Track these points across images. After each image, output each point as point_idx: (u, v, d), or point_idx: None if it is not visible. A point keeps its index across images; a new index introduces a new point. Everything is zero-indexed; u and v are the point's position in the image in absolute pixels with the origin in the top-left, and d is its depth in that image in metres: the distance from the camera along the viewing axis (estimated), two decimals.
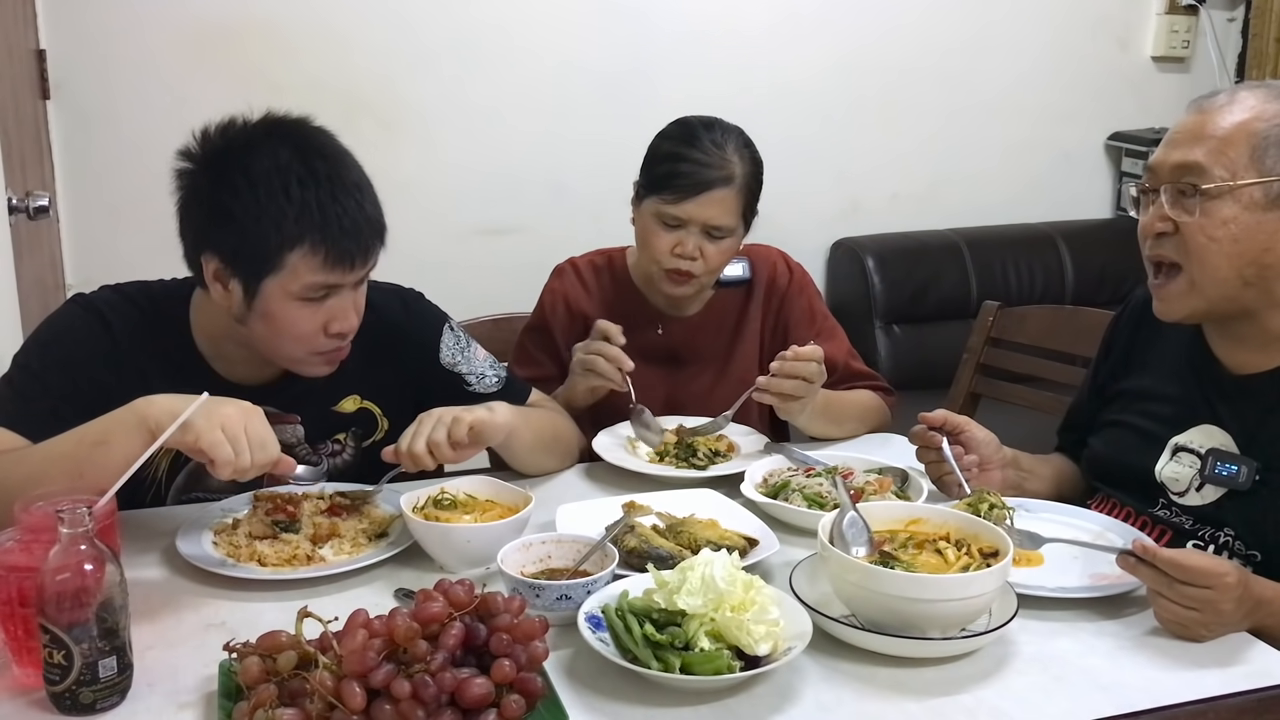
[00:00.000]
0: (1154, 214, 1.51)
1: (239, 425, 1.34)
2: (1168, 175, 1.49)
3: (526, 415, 1.77)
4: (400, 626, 1.08)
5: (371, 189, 1.59)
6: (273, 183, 1.49)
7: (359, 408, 1.74)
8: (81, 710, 1.13)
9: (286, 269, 1.51)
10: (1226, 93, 1.50)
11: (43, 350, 1.60)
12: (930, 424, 1.70)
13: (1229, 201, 1.44)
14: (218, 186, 1.52)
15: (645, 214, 1.99)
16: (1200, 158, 1.46)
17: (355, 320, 1.62)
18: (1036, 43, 3.67)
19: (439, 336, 1.81)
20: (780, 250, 2.18)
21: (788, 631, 1.22)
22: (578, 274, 2.14)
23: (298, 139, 1.55)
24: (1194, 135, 1.48)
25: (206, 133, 1.56)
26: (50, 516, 1.14)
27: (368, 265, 1.58)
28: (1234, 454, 1.52)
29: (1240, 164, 1.44)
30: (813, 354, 1.81)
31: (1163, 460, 1.60)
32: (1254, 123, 1.45)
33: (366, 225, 1.55)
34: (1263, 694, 1.23)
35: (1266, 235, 1.45)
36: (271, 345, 1.61)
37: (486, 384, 1.83)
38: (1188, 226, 1.47)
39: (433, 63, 3.09)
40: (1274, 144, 1.44)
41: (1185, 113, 1.53)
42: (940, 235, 3.59)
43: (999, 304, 2.44)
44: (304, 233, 1.50)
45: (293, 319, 1.56)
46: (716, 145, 1.94)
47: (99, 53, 2.81)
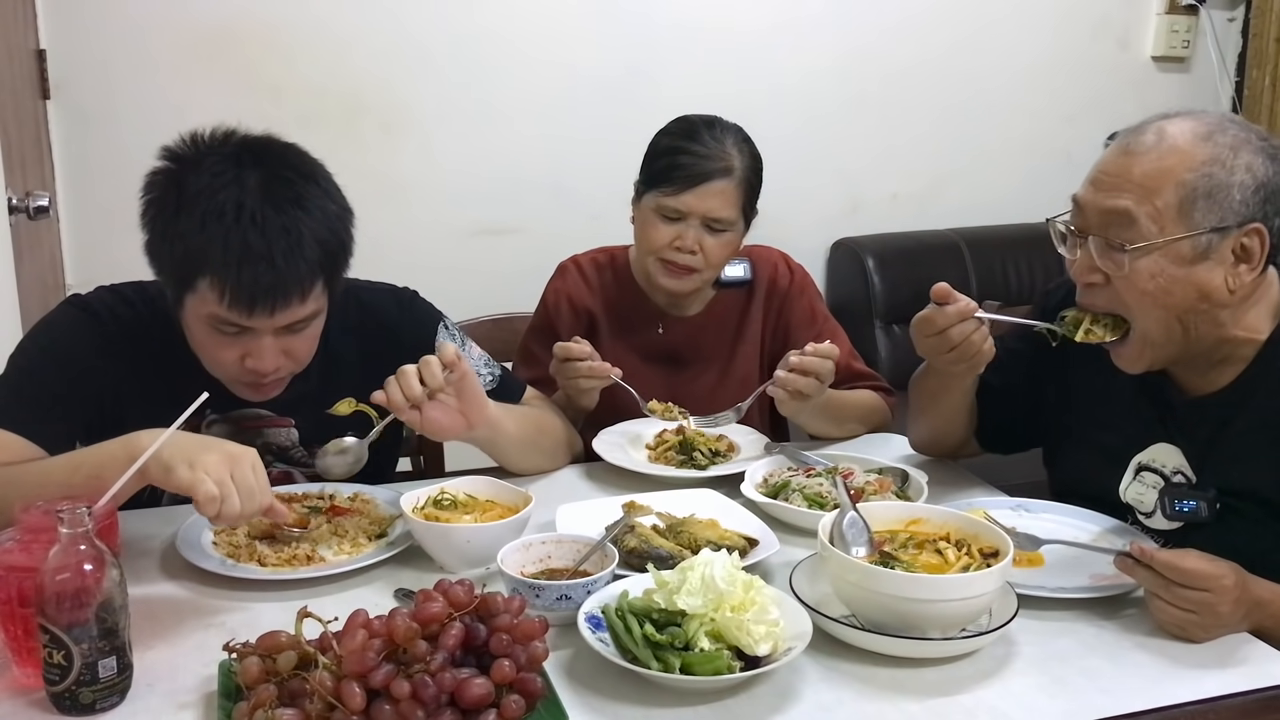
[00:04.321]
0: (1084, 263, 1.49)
1: (223, 472, 1.30)
2: (1096, 221, 1.46)
3: (511, 411, 1.76)
4: (400, 627, 1.08)
5: (315, 237, 1.50)
6: (198, 206, 1.46)
7: (354, 410, 1.72)
8: (81, 710, 1.13)
9: (197, 294, 1.49)
10: (1154, 130, 1.44)
11: (38, 350, 1.60)
12: (941, 297, 1.58)
13: (1156, 256, 1.42)
14: (160, 193, 1.51)
15: (645, 208, 1.99)
16: (1128, 206, 1.42)
17: (275, 363, 1.55)
18: (1037, 42, 3.67)
19: (434, 335, 1.80)
20: (781, 251, 2.19)
21: (788, 632, 1.22)
22: (580, 272, 2.15)
23: (258, 167, 1.50)
24: (1122, 179, 1.44)
25: (189, 136, 1.54)
26: (50, 516, 1.14)
27: (275, 316, 1.49)
28: (1190, 489, 1.52)
29: (1168, 216, 1.40)
30: (830, 352, 1.81)
31: (1126, 479, 1.59)
32: (1182, 172, 1.40)
33: (273, 275, 1.46)
34: (1263, 694, 1.23)
35: (1195, 287, 1.42)
36: (202, 360, 1.60)
37: (482, 382, 1.82)
38: (1118, 280, 1.45)
39: (432, 65, 3.09)
40: (1202, 195, 1.39)
41: (1112, 149, 1.47)
42: (940, 235, 3.59)
43: (999, 304, 2.43)
44: (207, 266, 1.46)
45: (208, 343, 1.54)
46: (716, 139, 1.95)
47: (99, 53, 2.81)
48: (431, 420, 1.58)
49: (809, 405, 1.85)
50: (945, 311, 1.58)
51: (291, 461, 1.74)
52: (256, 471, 1.34)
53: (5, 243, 2.13)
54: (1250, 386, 1.49)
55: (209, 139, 1.53)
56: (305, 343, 1.59)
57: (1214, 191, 1.40)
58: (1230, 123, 1.44)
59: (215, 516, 1.30)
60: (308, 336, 1.59)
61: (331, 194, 1.56)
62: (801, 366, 1.79)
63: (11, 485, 1.39)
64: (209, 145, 1.53)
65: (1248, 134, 1.43)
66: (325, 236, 1.52)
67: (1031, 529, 1.54)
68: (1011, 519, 1.60)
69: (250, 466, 1.33)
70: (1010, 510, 1.64)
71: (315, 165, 1.57)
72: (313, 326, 1.58)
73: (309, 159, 1.57)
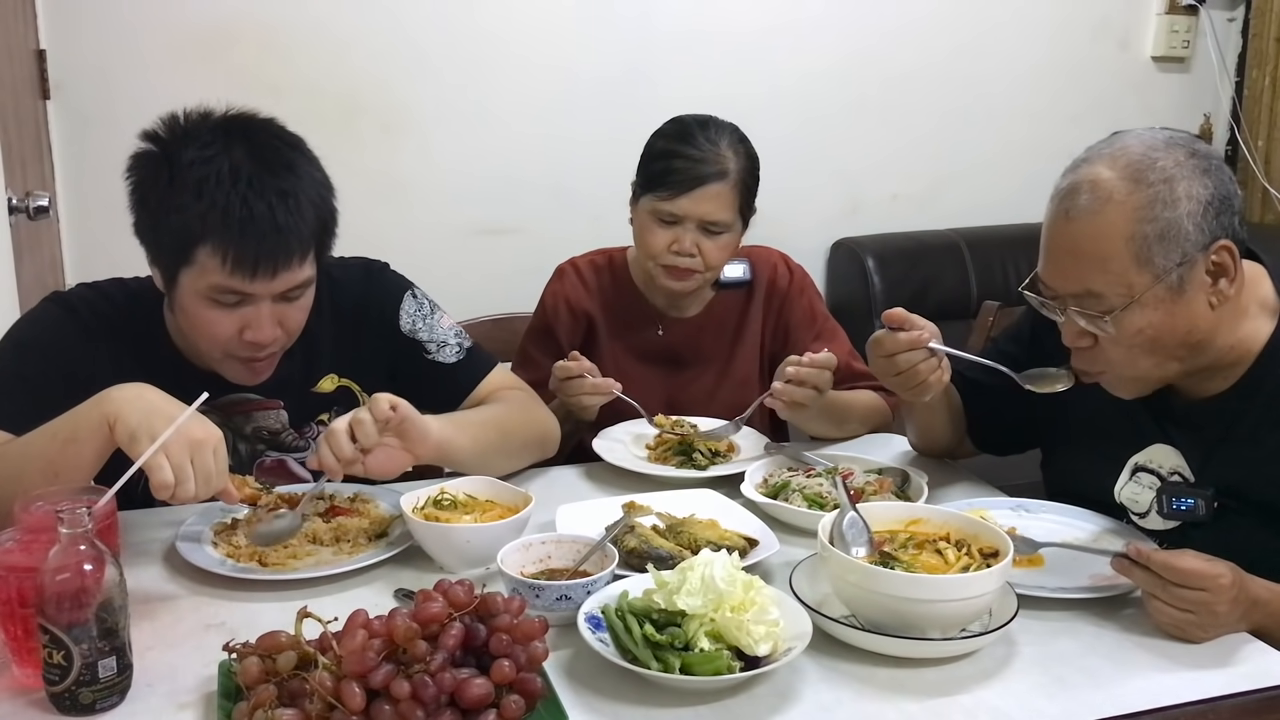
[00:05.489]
0: (1070, 330, 1.48)
1: (184, 457, 1.31)
2: (1067, 299, 1.46)
3: (465, 424, 1.68)
4: (400, 627, 1.08)
5: (310, 200, 1.52)
6: (191, 175, 1.48)
7: (338, 386, 1.72)
8: (81, 710, 1.13)
9: (196, 265, 1.50)
10: (1087, 187, 1.40)
11: (17, 346, 1.61)
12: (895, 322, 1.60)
13: (1136, 311, 1.41)
14: (150, 171, 1.52)
15: (642, 212, 1.99)
16: (1091, 285, 1.42)
17: (273, 333, 1.56)
18: (1037, 43, 3.66)
19: (399, 303, 1.79)
20: (781, 252, 2.19)
21: (787, 632, 1.22)
22: (578, 274, 2.14)
23: (245, 139, 1.52)
24: (1073, 256, 1.43)
25: (168, 117, 1.55)
26: (50, 516, 1.14)
27: (276, 276, 1.51)
28: (1189, 487, 1.51)
29: (1131, 274, 1.39)
30: (827, 362, 1.80)
31: (1121, 480, 1.59)
32: (1126, 226, 1.38)
33: (277, 237, 1.48)
34: (1263, 694, 1.23)
35: (1185, 319, 1.42)
36: (192, 342, 1.61)
37: (447, 354, 1.79)
38: (1106, 340, 1.45)
39: (431, 65, 3.09)
40: (1155, 240, 1.38)
41: (1055, 214, 1.45)
42: (940, 235, 3.59)
43: (999, 304, 2.44)
44: (208, 231, 1.47)
45: (206, 319, 1.55)
46: (710, 141, 1.95)
47: (99, 53, 2.81)
48: (375, 467, 1.53)
49: (808, 411, 1.84)
50: (896, 337, 1.60)
51: (283, 447, 1.74)
52: (217, 456, 1.35)
53: (5, 243, 2.14)
54: (1254, 387, 1.49)
55: (188, 118, 1.55)
56: (298, 313, 1.60)
57: (1165, 232, 1.38)
58: (1159, 148, 1.41)
59: (169, 499, 1.31)
60: (300, 306, 1.60)
61: (315, 164, 1.59)
62: (798, 377, 1.79)
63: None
64: (191, 123, 1.54)
65: (1177, 154, 1.40)
66: (317, 201, 1.55)
67: (1031, 529, 1.54)
68: (1011, 519, 1.60)
69: (212, 451, 1.34)
70: (1010, 510, 1.64)
71: (297, 137, 1.59)
72: (305, 296, 1.60)
73: (290, 132, 1.59)
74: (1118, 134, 1.47)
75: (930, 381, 1.61)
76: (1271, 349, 1.48)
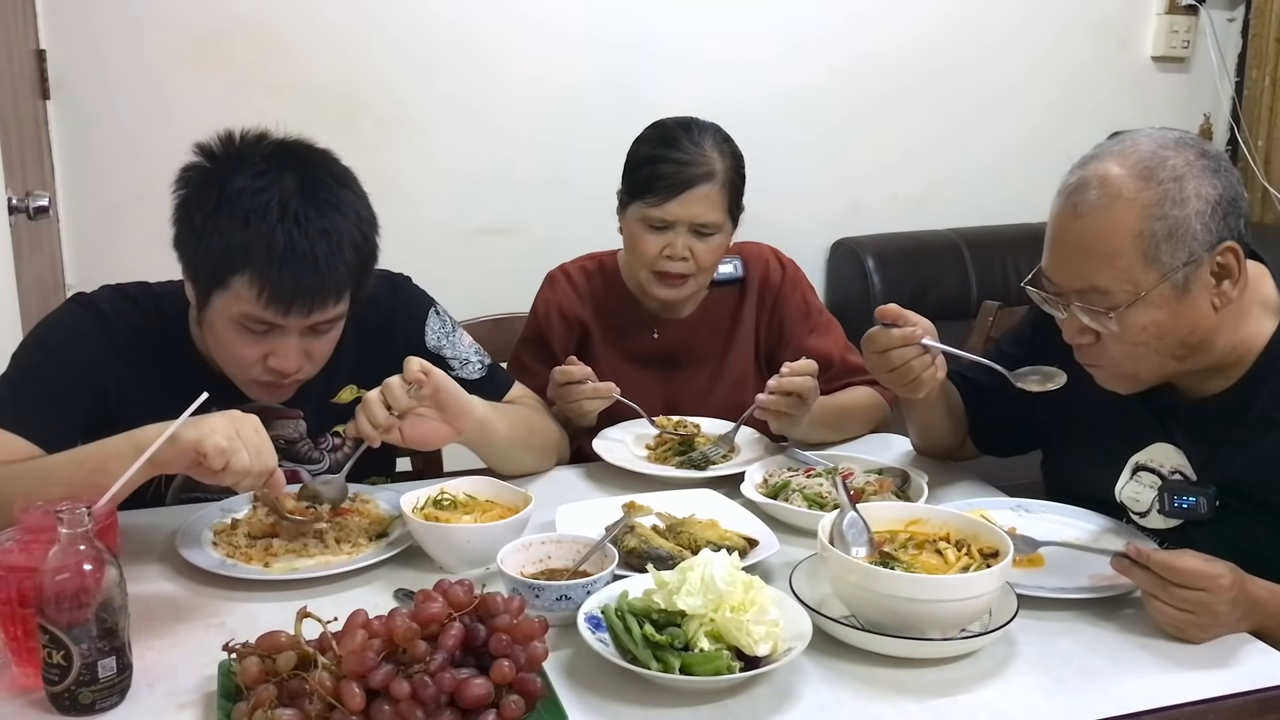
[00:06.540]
0: (1073, 325, 1.48)
1: (230, 429, 1.32)
2: (1072, 294, 1.46)
3: (502, 410, 1.76)
4: (400, 627, 1.08)
5: (352, 240, 1.52)
6: (239, 204, 1.47)
7: (356, 397, 1.73)
8: (81, 710, 1.13)
9: (231, 291, 1.50)
10: (1096, 183, 1.40)
11: (42, 348, 1.60)
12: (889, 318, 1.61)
13: (1141, 309, 1.41)
14: (197, 190, 1.52)
15: (631, 220, 1.98)
16: (1097, 281, 1.41)
17: (299, 364, 1.57)
18: (1037, 43, 3.67)
19: (425, 319, 1.80)
20: (771, 247, 2.17)
21: (787, 632, 1.22)
22: (569, 281, 2.13)
23: (296, 170, 1.52)
24: (1081, 252, 1.42)
25: (224, 136, 1.55)
26: (50, 516, 1.14)
27: (310, 316, 1.52)
28: (1191, 484, 1.51)
29: (1137, 271, 1.39)
30: (805, 368, 1.80)
31: (1122, 480, 1.59)
32: (1134, 223, 1.38)
33: (315, 276, 1.49)
34: (1263, 694, 1.23)
35: (1188, 319, 1.42)
36: (218, 359, 1.61)
37: (470, 370, 1.81)
38: (1109, 337, 1.45)
39: (431, 64, 3.09)
40: (1162, 239, 1.38)
41: (1062, 209, 1.45)
42: (940, 235, 3.59)
43: (999, 304, 2.43)
44: (248, 263, 1.47)
45: (233, 342, 1.55)
46: (695, 143, 1.93)
47: (99, 53, 2.81)
48: (413, 436, 1.58)
49: (801, 420, 1.83)
50: (889, 334, 1.60)
51: (298, 458, 1.74)
52: (260, 433, 1.35)
53: (5, 243, 2.13)
54: (1255, 386, 1.48)
55: (243, 139, 1.55)
56: (326, 345, 1.61)
57: (1173, 231, 1.38)
58: (1169, 147, 1.41)
59: (223, 469, 1.30)
60: (329, 339, 1.60)
61: (362, 200, 1.58)
62: (781, 388, 1.78)
63: (13, 483, 1.39)
64: (245, 145, 1.54)
65: (1187, 154, 1.40)
66: (359, 241, 1.55)
67: (1031, 529, 1.54)
68: (1011, 519, 1.60)
69: (254, 429, 1.35)
70: (1010, 510, 1.64)
71: (347, 171, 1.59)
72: (335, 329, 1.60)
73: (341, 164, 1.59)
74: (1126, 133, 1.47)
75: (924, 378, 1.61)
76: (1273, 348, 1.48)
